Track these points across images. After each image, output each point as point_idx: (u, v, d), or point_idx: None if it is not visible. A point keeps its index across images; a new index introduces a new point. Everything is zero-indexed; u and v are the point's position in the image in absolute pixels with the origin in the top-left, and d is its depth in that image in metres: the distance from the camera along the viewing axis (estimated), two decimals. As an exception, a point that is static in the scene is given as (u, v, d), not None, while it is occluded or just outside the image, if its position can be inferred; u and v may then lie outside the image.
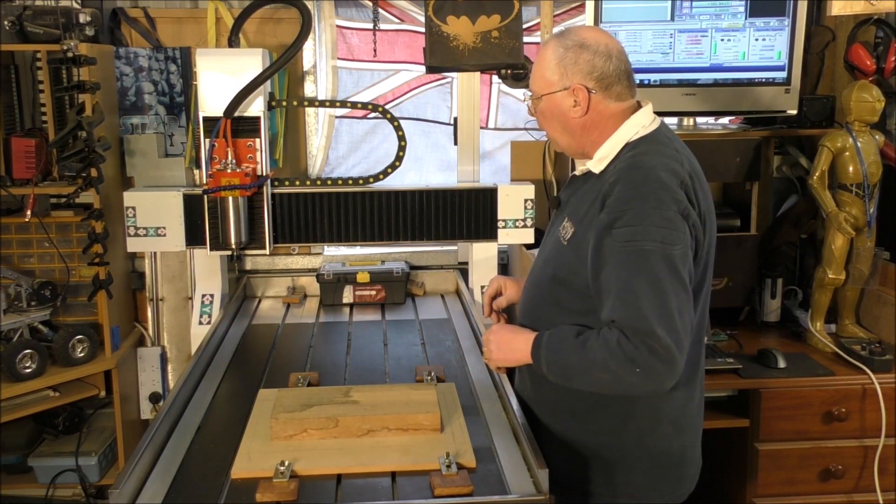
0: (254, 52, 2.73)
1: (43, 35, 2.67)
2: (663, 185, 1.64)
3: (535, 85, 1.83)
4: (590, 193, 1.75)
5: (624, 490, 1.82)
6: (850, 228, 2.66)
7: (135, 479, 1.65)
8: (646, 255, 1.60)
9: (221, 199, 2.66)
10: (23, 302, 2.88)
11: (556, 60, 1.77)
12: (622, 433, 1.80)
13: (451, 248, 3.29)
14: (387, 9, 3.19)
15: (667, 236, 1.61)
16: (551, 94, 1.78)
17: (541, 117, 1.85)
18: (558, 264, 1.79)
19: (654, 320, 1.57)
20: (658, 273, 1.59)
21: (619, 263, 1.62)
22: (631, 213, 1.62)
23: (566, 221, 1.80)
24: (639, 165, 1.69)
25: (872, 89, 2.62)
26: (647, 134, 1.76)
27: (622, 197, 1.65)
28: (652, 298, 1.58)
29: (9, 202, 2.97)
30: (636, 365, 1.58)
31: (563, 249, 1.77)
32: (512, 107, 3.33)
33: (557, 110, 1.79)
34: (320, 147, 3.23)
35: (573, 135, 1.80)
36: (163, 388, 3.18)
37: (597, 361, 1.62)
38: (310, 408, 1.85)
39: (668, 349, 1.57)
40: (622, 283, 1.61)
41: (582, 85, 1.74)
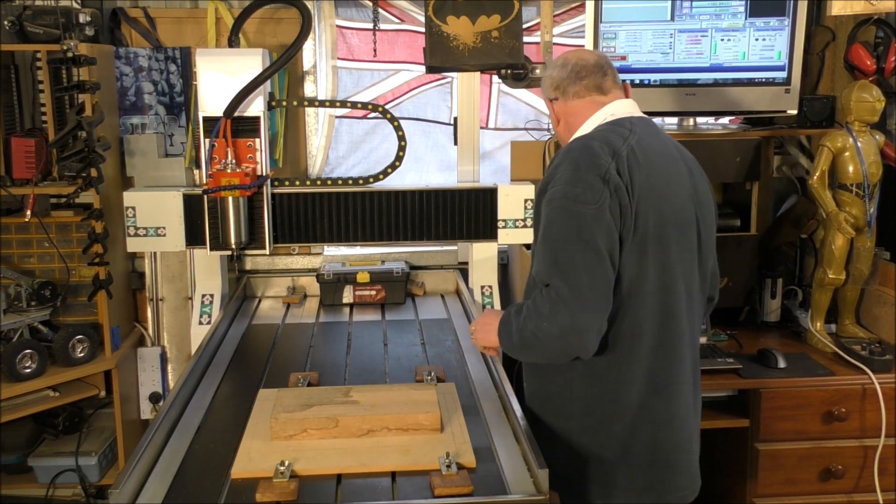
0: (254, 52, 2.73)
1: (43, 35, 2.67)
2: (589, 151, 1.78)
3: None
4: None
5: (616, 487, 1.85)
6: (850, 228, 2.66)
7: (135, 479, 1.65)
8: (559, 211, 1.74)
9: (221, 199, 2.66)
10: (23, 302, 2.88)
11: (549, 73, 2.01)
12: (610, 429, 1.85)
13: (451, 248, 3.29)
14: (387, 9, 3.19)
15: (579, 195, 1.73)
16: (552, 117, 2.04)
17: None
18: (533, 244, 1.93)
19: (554, 271, 1.71)
20: (561, 227, 1.73)
21: (538, 224, 1.81)
22: (553, 177, 1.79)
23: None
24: (575, 140, 1.87)
25: (872, 89, 2.62)
26: (615, 119, 1.90)
27: (556, 163, 1.82)
28: (550, 250, 1.73)
29: (9, 202, 2.97)
30: (542, 319, 1.72)
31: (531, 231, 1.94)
32: (512, 107, 3.33)
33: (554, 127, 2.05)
34: (320, 147, 3.23)
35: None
36: (163, 388, 3.18)
37: (520, 325, 1.78)
38: (310, 408, 1.85)
39: (564, 298, 1.69)
40: (540, 239, 1.79)
41: (546, 98, 2.01)
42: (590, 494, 1.86)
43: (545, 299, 1.72)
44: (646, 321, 1.80)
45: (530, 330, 1.75)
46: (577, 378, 1.86)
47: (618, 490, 1.85)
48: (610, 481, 1.85)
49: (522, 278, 2.82)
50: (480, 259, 2.97)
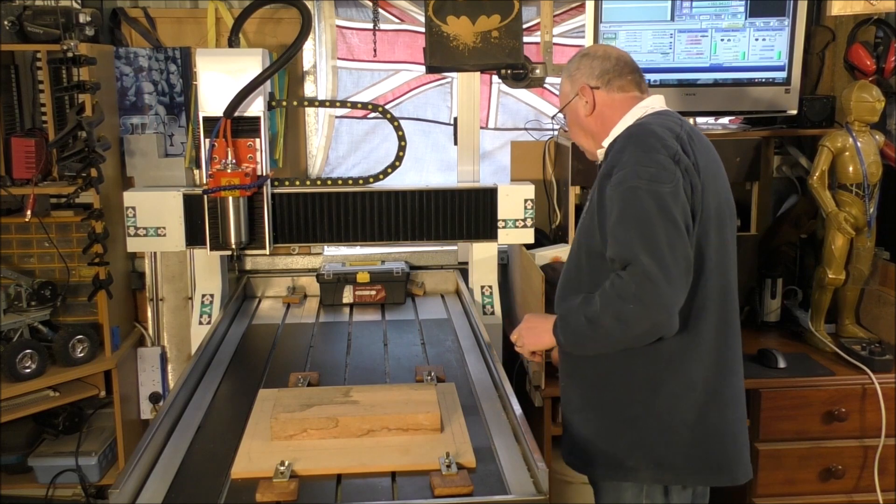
0: (254, 52, 2.73)
1: (43, 35, 2.67)
2: (654, 135, 1.81)
3: (560, 104, 2.08)
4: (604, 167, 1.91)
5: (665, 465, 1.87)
6: (850, 228, 2.66)
7: (135, 479, 1.65)
8: (633, 192, 1.75)
9: (221, 199, 2.66)
10: (23, 302, 2.88)
11: (567, 75, 2.04)
12: (677, 410, 1.85)
13: (451, 248, 3.29)
14: (387, 9, 3.19)
15: (654, 174, 1.75)
16: (569, 105, 2.03)
17: (570, 130, 2.09)
18: (582, 236, 1.93)
19: (639, 248, 1.70)
20: (643, 206, 1.73)
21: (612, 205, 1.79)
22: (622, 159, 1.80)
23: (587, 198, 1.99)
24: (637, 125, 1.90)
25: (872, 89, 2.62)
26: (652, 112, 1.94)
27: (618, 148, 1.85)
28: (636, 229, 1.72)
29: (9, 202, 2.97)
30: (627, 300, 1.71)
31: (584, 221, 1.92)
32: (512, 107, 3.33)
33: (573, 116, 2.04)
34: (320, 147, 3.23)
35: (593, 133, 2.00)
36: (163, 388, 3.18)
37: (596, 313, 1.76)
38: (310, 408, 1.85)
39: (652, 278, 1.68)
40: (615, 221, 1.77)
41: (586, 84, 1.98)
42: (652, 479, 1.88)
43: (629, 280, 1.71)
44: (708, 299, 1.84)
45: (611, 315, 1.74)
46: (643, 361, 1.86)
47: (683, 472, 1.88)
48: (674, 465, 1.87)
49: (522, 278, 2.82)
50: (480, 259, 2.97)
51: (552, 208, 3.10)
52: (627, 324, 1.73)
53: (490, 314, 2.92)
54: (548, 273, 2.61)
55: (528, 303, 2.71)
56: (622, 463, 1.89)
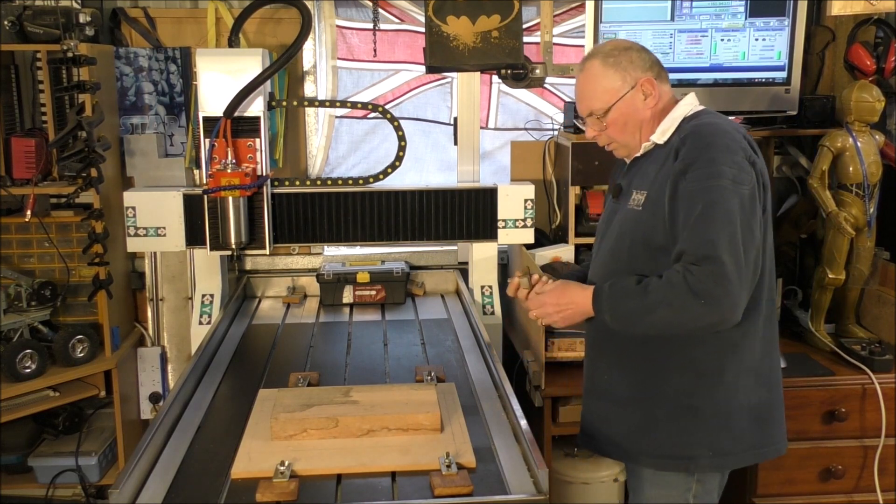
0: (254, 52, 2.73)
1: (43, 35, 2.67)
2: (729, 135, 1.82)
3: (595, 103, 1.93)
4: (656, 161, 1.90)
5: (724, 451, 1.90)
6: (850, 228, 2.66)
7: (135, 479, 1.65)
8: (718, 190, 1.75)
9: (221, 199, 2.66)
10: (23, 302, 2.88)
11: (612, 68, 1.91)
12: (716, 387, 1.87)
13: (451, 248, 3.29)
14: (387, 9, 3.18)
15: (736, 175, 1.76)
16: (620, 100, 1.91)
17: (612, 128, 1.95)
18: (637, 230, 1.89)
19: (722, 247, 1.71)
20: (728, 208, 1.74)
21: (693, 201, 1.76)
22: (703, 157, 1.78)
23: (636, 193, 1.91)
24: (706, 123, 1.87)
25: (872, 89, 2.62)
26: (700, 109, 1.95)
27: (695, 145, 1.81)
28: (720, 227, 1.72)
29: (9, 202, 2.97)
30: (699, 296, 1.71)
31: (640, 215, 1.88)
32: (512, 107, 3.33)
33: (630, 111, 1.93)
34: (320, 147, 3.23)
35: (644, 128, 1.94)
36: (163, 388, 3.18)
37: (659, 301, 1.76)
38: (310, 408, 1.85)
39: (729, 278, 1.70)
40: (694, 216, 1.75)
41: (647, 78, 1.91)
42: (711, 467, 1.91)
43: (705, 276, 1.71)
44: (762, 293, 1.88)
45: (676, 307, 1.74)
46: (705, 350, 1.86)
47: (739, 455, 1.92)
48: (732, 450, 1.90)
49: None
50: (480, 259, 2.97)
51: (552, 208, 3.10)
52: (693, 318, 1.75)
53: (490, 314, 2.92)
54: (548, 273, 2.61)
55: (528, 303, 2.71)
56: (680, 453, 1.90)
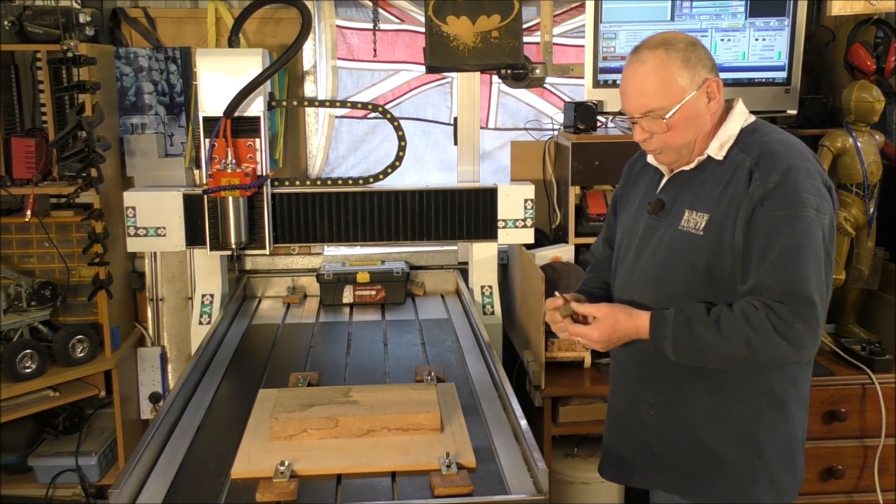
0: (254, 52, 2.73)
1: (43, 35, 2.67)
2: (805, 156, 1.68)
3: (658, 100, 1.70)
4: (715, 180, 1.72)
5: (781, 486, 1.79)
6: (850, 228, 2.66)
7: (135, 479, 1.65)
8: (803, 221, 1.61)
9: (221, 199, 2.66)
10: (23, 302, 2.88)
11: (681, 65, 1.70)
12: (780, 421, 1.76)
13: (451, 248, 3.28)
14: (387, 9, 3.18)
15: (819, 205, 1.63)
16: (685, 102, 1.70)
17: (671, 133, 1.73)
18: (697, 256, 1.71)
19: (812, 286, 1.59)
20: (815, 241, 1.61)
21: (776, 232, 1.61)
22: (785, 183, 1.63)
23: (691, 213, 1.73)
24: (779, 141, 1.71)
25: (872, 89, 2.62)
26: (755, 121, 1.79)
27: (773, 168, 1.65)
28: (810, 265, 1.60)
29: (9, 202, 2.97)
30: (783, 336, 1.59)
31: (701, 240, 1.71)
32: (512, 107, 3.33)
33: (693, 115, 1.72)
34: (320, 147, 3.23)
35: (701, 137, 1.75)
36: (163, 388, 3.18)
37: (734, 336, 1.62)
38: (310, 408, 1.85)
39: (818, 319, 1.60)
40: (779, 249, 1.60)
41: (714, 79, 1.73)
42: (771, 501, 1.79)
43: (792, 317, 1.58)
44: None
45: (754, 346, 1.60)
46: (771, 385, 1.74)
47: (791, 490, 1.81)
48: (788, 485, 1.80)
49: (522, 278, 2.82)
50: (480, 259, 2.97)
51: (552, 208, 3.10)
52: (771, 356, 1.63)
53: (490, 314, 2.92)
54: (548, 273, 2.61)
55: (528, 303, 2.71)
56: (745, 496, 1.77)
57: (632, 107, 1.75)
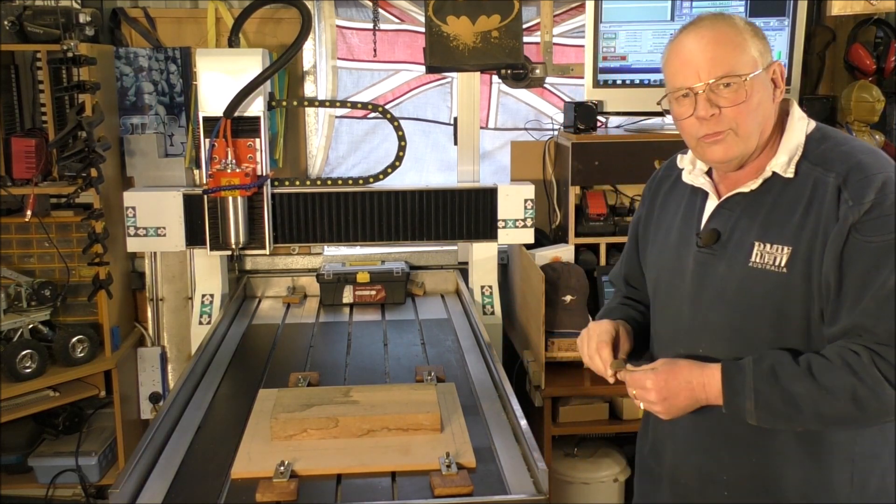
0: (254, 52, 2.73)
1: (43, 35, 2.67)
2: (893, 167, 1.41)
3: (737, 62, 1.42)
4: (787, 203, 1.44)
5: None
6: (850, 228, 2.66)
7: (135, 479, 1.65)
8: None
9: (221, 199, 2.66)
10: (23, 302, 2.88)
11: (752, 34, 1.45)
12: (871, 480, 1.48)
13: (451, 248, 3.28)
14: (387, 9, 3.18)
15: None
16: (756, 76, 1.43)
17: (746, 106, 1.43)
18: (786, 300, 1.42)
19: None
20: None
21: (876, 262, 1.35)
22: (882, 202, 1.35)
23: (763, 246, 1.43)
24: (863, 151, 1.43)
25: (872, 89, 2.62)
26: (819, 125, 1.51)
27: (866, 185, 1.36)
28: None
29: (9, 202, 2.97)
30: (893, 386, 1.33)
31: (786, 279, 1.41)
32: (512, 107, 3.33)
33: (764, 95, 1.45)
34: (320, 147, 3.23)
35: (765, 132, 1.48)
36: (163, 388, 3.18)
37: (838, 388, 1.34)
38: (310, 408, 1.85)
39: None
40: (881, 284, 1.34)
41: (778, 61, 1.48)
42: None
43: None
44: None
45: (859, 398, 1.34)
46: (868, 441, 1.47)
47: None
48: None
49: (522, 278, 2.82)
50: (480, 259, 2.97)
51: (552, 208, 3.10)
52: (880, 412, 1.36)
53: (490, 314, 2.92)
54: (548, 273, 2.61)
55: (528, 303, 2.71)
56: None
57: (699, 72, 1.43)
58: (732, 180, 1.51)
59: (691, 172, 1.58)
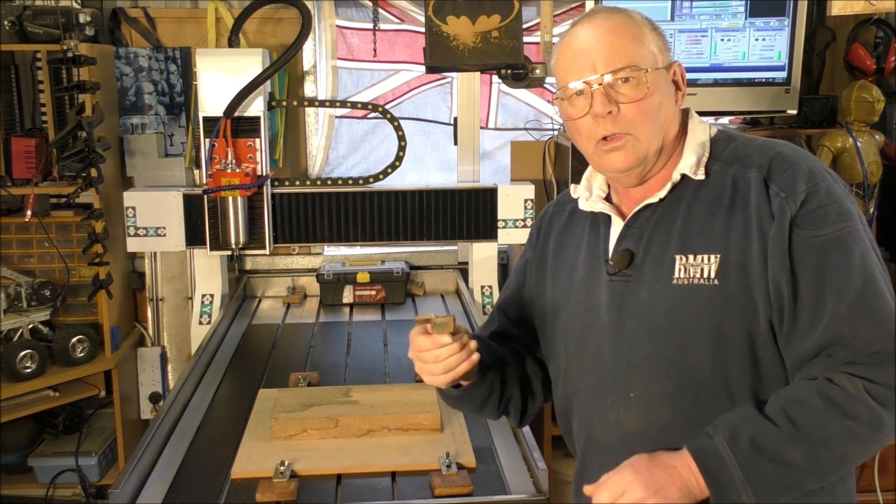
0: (254, 52, 2.73)
1: (43, 35, 2.67)
2: (814, 159, 1.27)
3: (636, 54, 1.27)
4: (704, 207, 1.25)
5: None
6: (850, 228, 2.66)
7: (135, 479, 1.66)
8: (858, 239, 1.18)
9: (221, 199, 2.66)
10: (23, 302, 2.88)
11: (651, 28, 1.31)
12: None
13: (451, 248, 3.28)
14: (387, 9, 3.18)
15: (859, 213, 1.22)
16: (657, 72, 1.27)
17: (649, 100, 1.26)
18: (722, 314, 1.21)
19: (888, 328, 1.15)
20: (876, 261, 1.19)
21: (830, 259, 1.17)
22: (816, 191, 1.19)
23: (686, 259, 1.23)
24: (779, 143, 1.28)
25: (872, 89, 2.62)
26: (722, 128, 1.36)
27: (794, 175, 1.21)
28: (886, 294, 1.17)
29: (9, 202, 2.97)
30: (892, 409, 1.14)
31: (719, 291, 1.21)
32: (512, 107, 3.33)
33: (666, 95, 1.29)
34: (320, 147, 3.23)
35: (668, 138, 1.30)
36: (163, 388, 3.18)
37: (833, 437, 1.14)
38: (310, 408, 1.85)
39: None
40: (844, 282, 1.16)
41: (669, 60, 1.31)
42: None
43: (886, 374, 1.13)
44: None
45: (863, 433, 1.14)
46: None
47: None
48: None
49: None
50: (480, 259, 2.97)
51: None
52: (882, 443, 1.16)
53: (490, 314, 2.92)
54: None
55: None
56: None
57: (594, 63, 1.27)
58: (636, 198, 1.32)
59: (588, 199, 1.38)
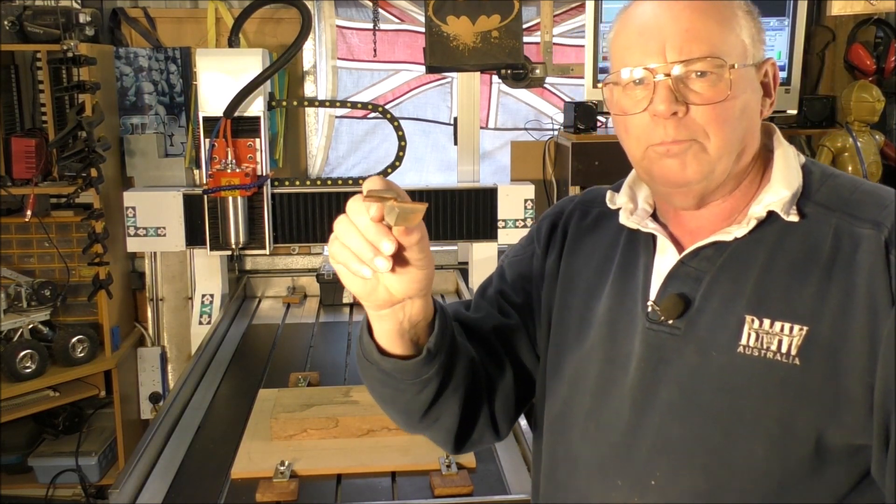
0: (254, 52, 2.73)
1: (43, 35, 2.67)
2: None
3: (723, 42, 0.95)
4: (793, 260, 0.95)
5: None
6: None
7: (135, 479, 1.65)
8: None
9: (221, 199, 2.66)
10: (23, 302, 2.88)
11: (746, 11, 0.99)
12: None
13: (451, 248, 3.28)
14: (387, 9, 3.18)
15: None
16: (746, 68, 0.97)
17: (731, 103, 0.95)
18: (787, 401, 0.92)
19: None
20: None
21: None
22: None
23: (760, 323, 0.94)
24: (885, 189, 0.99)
25: (872, 89, 2.62)
26: (808, 158, 1.06)
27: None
28: None
29: (9, 202, 2.97)
30: None
31: (794, 374, 0.92)
32: (512, 107, 3.33)
33: (751, 98, 0.99)
34: (320, 147, 3.23)
35: (743, 152, 0.99)
36: (163, 388, 3.18)
37: None
38: (310, 408, 1.85)
39: None
40: None
41: (773, 60, 1.02)
42: None
43: None
44: None
45: None
46: None
47: None
48: None
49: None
50: (480, 259, 2.97)
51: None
52: None
53: (490, 314, 2.92)
54: None
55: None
56: None
57: (664, 46, 0.95)
58: (688, 228, 1.03)
59: (634, 213, 1.08)
